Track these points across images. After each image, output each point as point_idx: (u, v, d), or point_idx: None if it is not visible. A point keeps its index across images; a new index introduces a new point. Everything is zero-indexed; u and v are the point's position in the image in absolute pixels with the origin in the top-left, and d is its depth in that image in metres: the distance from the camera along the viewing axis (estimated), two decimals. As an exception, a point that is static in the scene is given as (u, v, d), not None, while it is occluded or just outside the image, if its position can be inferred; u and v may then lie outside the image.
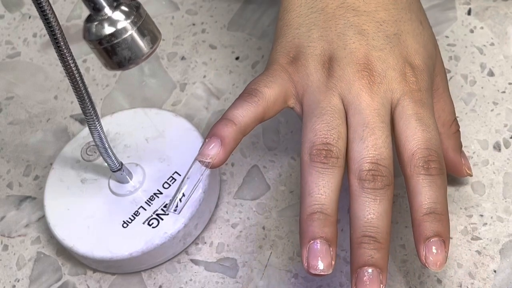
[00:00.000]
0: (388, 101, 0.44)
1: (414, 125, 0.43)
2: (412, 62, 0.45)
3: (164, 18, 0.61)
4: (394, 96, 0.44)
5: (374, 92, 0.43)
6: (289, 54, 0.46)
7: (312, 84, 0.45)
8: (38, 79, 0.59)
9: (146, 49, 0.35)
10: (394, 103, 0.44)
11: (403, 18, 0.46)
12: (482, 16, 0.57)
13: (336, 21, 0.45)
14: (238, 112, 0.44)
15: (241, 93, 0.45)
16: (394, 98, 0.44)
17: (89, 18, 0.36)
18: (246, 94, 0.45)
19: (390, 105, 0.44)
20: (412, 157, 0.42)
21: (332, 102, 0.43)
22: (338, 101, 0.44)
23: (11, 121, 0.58)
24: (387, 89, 0.44)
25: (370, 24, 0.45)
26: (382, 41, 0.45)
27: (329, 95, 0.44)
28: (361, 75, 0.44)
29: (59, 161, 0.52)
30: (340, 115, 0.43)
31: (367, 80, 0.43)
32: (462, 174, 0.48)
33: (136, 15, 0.35)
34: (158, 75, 0.58)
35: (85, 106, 0.42)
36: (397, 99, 0.44)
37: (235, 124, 0.43)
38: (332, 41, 0.45)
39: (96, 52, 0.36)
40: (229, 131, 0.43)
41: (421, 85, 0.44)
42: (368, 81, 0.43)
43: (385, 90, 0.44)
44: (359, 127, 0.43)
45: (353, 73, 0.44)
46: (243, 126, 0.44)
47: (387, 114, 0.43)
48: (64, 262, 0.51)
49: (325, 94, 0.44)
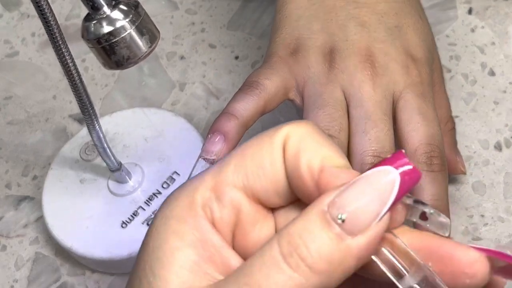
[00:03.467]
0: (390, 93, 0.43)
1: (417, 119, 0.43)
2: (414, 55, 0.45)
3: (163, 17, 0.60)
4: (396, 88, 0.43)
5: (377, 84, 0.43)
6: (289, 46, 0.46)
7: (313, 76, 0.44)
8: (37, 78, 0.59)
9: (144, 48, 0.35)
10: (397, 95, 0.44)
11: (403, 11, 0.46)
12: (482, 16, 0.57)
13: (337, 13, 0.45)
14: (239, 105, 0.43)
15: (241, 86, 0.45)
16: (397, 91, 0.43)
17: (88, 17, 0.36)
18: (247, 86, 0.44)
19: (392, 97, 0.44)
20: (414, 152, 0.42)
21: (333, 94, 0.43)
22: (339, 93, 0.43)
23: (10, 121, 0.58)
24: (389, 81, 0.43)
25: (371, 16, 0.45)
26: (384, 33, 0.45)
27: (331, 87, 0.43)
28: (363, 66, 0.43)
29: (58, 161, 0.52)
30: (341, 107, 0.43)
31: (369, 71, 0.43)
32: (456, 171, 0.48)
33: (135, 14, 0.35)
34: (157, 74, 0.58)
35: (84, 106, 0.42)
36: (399, 91, 0.43)
37: (237, 118, 0.43)
38: (333, 33, 0.45)
39: (94, 51, 0.36)
40: (232, 125, 0.43)
41: (423, 78, 0.44)
42: (371, 73, 0.43)
43: (388, 82, 0.43)
44: (361, 120, 0.42)
45: (355, 65, 0.43)
46: (245, 120, 0.43)
47: (389, 106, 0.43)
48: (63, 262, 0.51)
49: (326, 86, 0.44)
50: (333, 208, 0.27)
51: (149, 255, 0.29)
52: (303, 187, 0.29)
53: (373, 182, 0.27)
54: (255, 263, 0.27)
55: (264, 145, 0.30)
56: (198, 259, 0.29)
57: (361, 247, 0.27)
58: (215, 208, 0.29)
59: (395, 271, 0.28)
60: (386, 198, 0.27)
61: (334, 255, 0.27)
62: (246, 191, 0.30)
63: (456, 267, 0.27)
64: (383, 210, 0.27)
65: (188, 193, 0.30)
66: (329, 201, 0.27)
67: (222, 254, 0.29)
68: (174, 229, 0.29)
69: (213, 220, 0.30)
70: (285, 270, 0.27)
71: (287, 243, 0.27)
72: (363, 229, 0.27)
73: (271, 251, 0.27)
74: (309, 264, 0.27)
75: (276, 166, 0.30)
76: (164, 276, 0.28)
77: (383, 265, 0.28)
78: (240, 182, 0.30)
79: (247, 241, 0.30)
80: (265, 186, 0.30)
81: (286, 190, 0.30)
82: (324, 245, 0.27)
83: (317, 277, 0.27)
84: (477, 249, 0.28)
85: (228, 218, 0.30)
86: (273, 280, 0.27)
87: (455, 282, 0.27)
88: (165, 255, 0.29)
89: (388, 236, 0.28)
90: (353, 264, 0.27)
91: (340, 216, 0.27)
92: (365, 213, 0.27)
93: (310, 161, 0.29)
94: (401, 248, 0.28)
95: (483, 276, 0.27)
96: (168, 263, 0.28)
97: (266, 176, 0.30)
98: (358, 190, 0.27)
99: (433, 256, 0.28)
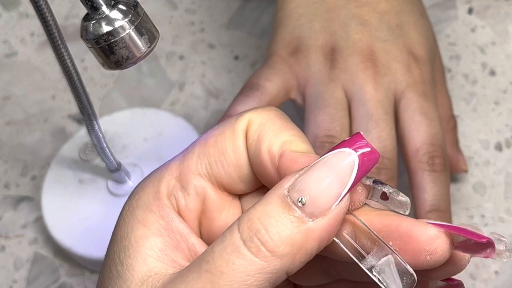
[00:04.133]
0: (392, 93, 0.43)
1: (419, 119, 0.43)
2: (416, 54, 0.45)
3: (162, 17, 0.60)
4: (398, 87, 0.43)
5: (378, 84, 0.43)
6: (289, 45, 0.46)
7: (314, 75, 0.44)
8: (36, 78, 0.59)
9: (144, 48, 0.35)
10: (399, 94, 0.43)
11: (404, 9, 0.46)
12: (483, 15, 0.57)
13: (338, 12, 0.45)
14: (241, 108, 0.43)
15: (242, 88, 0.45)
16: (399, 90, 0.43)
17: (87, 17, 0.36)
18: (248, 89, 0.44)
19: (394, 96, 0.43)
20: (416, 152, 0.42)
21: (335, 94, 0.43)
22: (341, 93, 0.43)
23: (9, 121, 0.57)
24: (391, 80, 0.43)
25: (372, 15, 0.45)
26: (385, 32, 0.44)
27: (332, 87, 0.43)
28: (365, 66, 0.43)
29: (56, 161, 0.52)
30: (343, 107, 0.43)
31: (371, 71, 0.43)
32: (458, 170, 0.48)
33: (134, 14, 0.35)
34: (156, 74, 0.58)
35: (83, 106, 0.41)
36: (401, 90, 0.43)
37: None
38: (334, 32, 0.45)
39: (93, 51, 0.36)
40: None
41: (425, 77, 0.44)
42: (372, 72, 0.43)
43: (389, 81, 0.43)
44: (363, 119, 0.42)
45: (357, 64, 0.43)
46: None
47: (390, 105, 0.43)
48: (62, 263, 0.51)
49: (327, 86, 0.44)
50: (293, 191, 0.27)
51: (117, 244, 0.30)
52: (265, 173, 0.30)
53: (332, 164, 0.28)
54: (216, 249, 0.27)
55: (227, 132, 0.30)
56: (164, 247, 0.29)
57: (322, 229, 0.27)
58: (180, 197, 0.30)
59: (357, 252, 0.29)
60: (346, 180, 0.27)
61: (295, 238, 0.27)
62: (210, 179, 0.30)
63: (416, 244, 0.28)
64: (343, 192, 0.27)
65: (154, 183, 0.31)
66: (289, 185, 0.27)
67: (188, 241, 0.30)
68: (140, 218, 0.30)
69: (179, 209, 0.30)
70: (246, 255, 0.27)
71: (247, 228, 0.27)
72: (323, 212, 0.27)
73: (232, 236, 0.27)
74: (270, 248, 0.27)
75: (238, 152, 0.30)
76: (131, 264, 0.29)
77: (345, 246, 0.29)
78: (203, 170, 0.30)
79: (214, 228, 0.31)
80: (228, 172, 0.30)
81: (250, 176, 0.30)
82: (285, 229, 0.27)
83: (279, 260, 0.27)
84: (435, 225, 0.28)
85: (193, 206, 0.30)
86: (234, 265, 0.27)
87: (416, 260, 0.28)
88: (132, 244, 0.29)
89: (350, 217, 0.29)
90: (315, 246, 0.27)
91: (300, 199, 0.27)
92: (325, 196, 0.27)
93: (270, 146, 0.29)
94: (363, 229, 0.29)
95: (443, 252, 0.28)
96: (134, 252, 0.29)
97: (229, 163, 0.30)
98: (317, 172, 0.27)
99: (394, 235, 0.28)
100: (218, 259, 0.27)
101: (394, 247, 0.28)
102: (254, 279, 0.27)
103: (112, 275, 0.29)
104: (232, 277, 0.27)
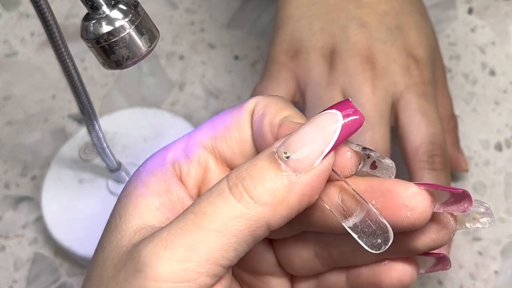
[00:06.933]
0: (390, 95, 0.43)
1: (419, 119, 0.43)
2: (416, 55, 0.45)
3: (162, 17, 0.60)
4: (397, 89, 0.44)
5: (376, 87, 0.43)
6: (289, 49, 0.46)
7: (314, 78, 0.44)
8: (36, 78, 0.59)
9: (144, 48, 0.35)
10: (397, 96, 0.44)
11: (404, 10, 0.46)
12: (483, 15, 0.57)
13: (338, 13, 0.45)
14: None
15: None
16: (397, 92, 0.44)
17: (87, 16, 0.36)
18: None
19: (391, 98, 0.44)
20: (416, 151, 0.42)
21: (334, 97, 0.43)
22: (339, 96, 0.43)
23: (9, 120, 0.57)
24: (390, 82, 0.43)
25: (372, 16, 0.45)
26: (385, 33, 0.44)
27: (331, 90, 0.44)
28: (364, 68, 0.43)
29: (56, 161, 0.52)
30: None
31: (370, 73, 0.43)
32: (459, 168, 0.48)
33: (134, 14, 0.35)
34: (156, 74, 0.58)
35: (83, 105, 0.41)
36: (400, 92, 0.43)
37: None
38: (334, 34, 0.45)
39: (94, 51, 0.36)
40: None
41: (425, 78, 0.44)
42: (370, 75, 0.43)
43: (388, 83, 0.43)
44: None
45: (356, 67, 0.43)
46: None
47: (387, 108, 0.43)
48: (62, 263, 0.51)
49: (326, 89, 0.44)
50: (280, 148, 0.29)
51: (120, 202, 0.32)
52: (266, 145, 0.31)
53: (317, 123, 0.29)
54: (204, 195, 0.29)
55: (234, 111, 0.33)
56: (161, 206, 0.31)
57: (304, 183, 0.29)
58: (183, 164, 0.32)
59: (342, 214, 0.30)
60: (328, 138, 0.29)
61: (277, 189, 0.29)
62: (213, 152, 0.33)
63: (397, 200, 0.29)
64: (326, 149, 0.29)
65: (162, 152, 0.33)
66: (279, 145, 0.29)
67: (185, 204, 0.32)
68: (143, 180, 0.32)
69: (181, 175, 0.33)
70: (229, 199, 0.29)
71: (234, 177, 0.29)
72: (306, 167, 0.29)
73: (219, 184, 0.29)
74: (252, 195, 0.29)
75: (242, 128, 0.32)
76: (128, 218, 0.31)
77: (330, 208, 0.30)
78: (208, 142, 0.33)
79: None
80: (231, 147, 0.32)
81: (253, 153, 0.32)
82: (269, 179, 0.29)
83: (259, 208, 0.28)
84: (417, 184, 0.29)
85: (194, 174, 0.32)
86: (216, 207, 0.29)
87: (397, 216, 0.29)
88: (132, 201, 0.32)
89: (338, 183, 0.30)
90: (296, 201, 0.29)
91: (285, 154, 0.29)
92: (307, 152, 0.29)
93: (272, 120, 0.31)
94: (349, 192, 0.30)
95: (423, 208, 0.29)
96: (132, 207, 0.32)
97: (232, 138, 0.32)
98: (303, 130, 0.29)
99: (376, 193, 0.29)
100: (203, 201, 0.29)
101: (376, 206, 0.29)
102: (233, 222, 0.28)
103: (111, 228, 0.32)
104: (214, 218, 0.28)
